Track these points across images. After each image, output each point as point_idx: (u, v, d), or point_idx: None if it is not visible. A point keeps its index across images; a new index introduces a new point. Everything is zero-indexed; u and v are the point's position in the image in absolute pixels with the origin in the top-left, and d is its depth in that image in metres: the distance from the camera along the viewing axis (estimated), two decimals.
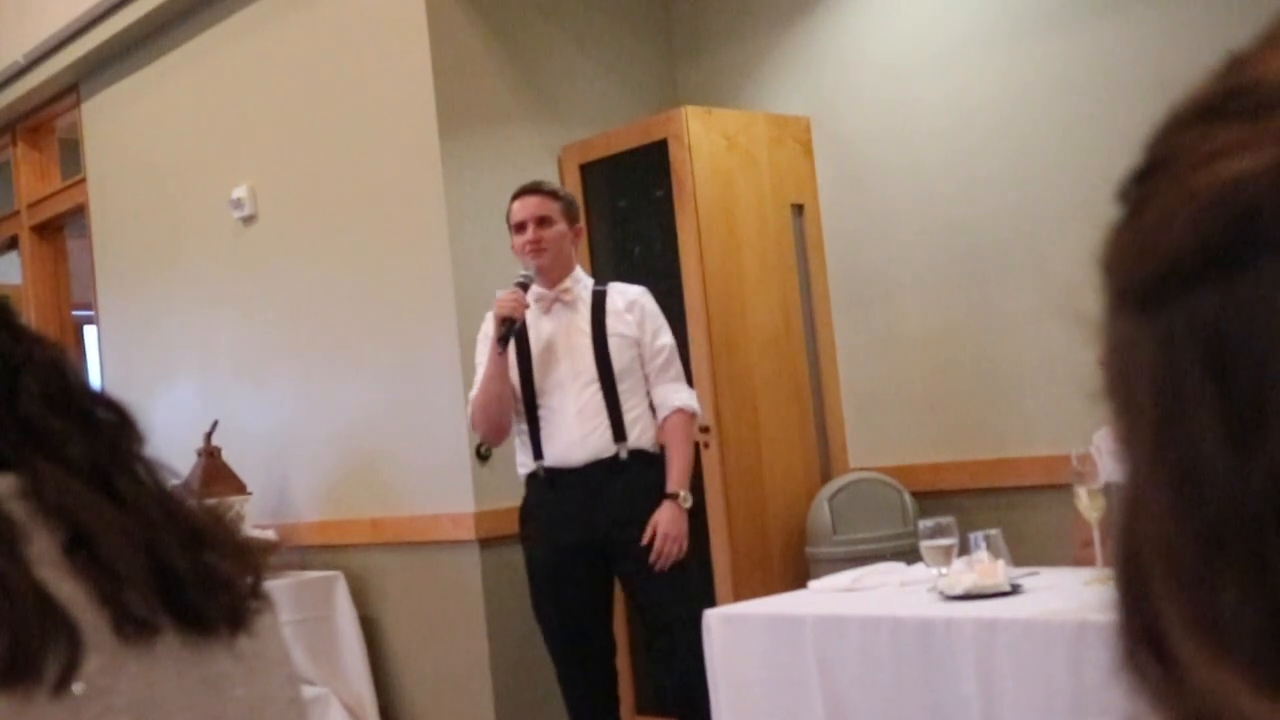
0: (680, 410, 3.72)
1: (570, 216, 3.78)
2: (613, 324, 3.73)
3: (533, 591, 3.76)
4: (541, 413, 3.69)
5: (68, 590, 0.80)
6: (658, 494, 3.64)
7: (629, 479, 3.66)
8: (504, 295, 3.62)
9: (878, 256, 4.56)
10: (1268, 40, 0.41)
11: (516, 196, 3.79)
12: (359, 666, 4.69)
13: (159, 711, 0.81)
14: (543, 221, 3.71)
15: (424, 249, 4.56)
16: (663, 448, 3.75)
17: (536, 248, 3.69)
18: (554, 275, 3.73)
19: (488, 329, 3.76)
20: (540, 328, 3.72)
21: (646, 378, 3.76)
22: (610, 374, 3.69)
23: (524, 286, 3.65)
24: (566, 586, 3.68)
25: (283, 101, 5.14)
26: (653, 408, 3.75)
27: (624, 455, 3.67)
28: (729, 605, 3.44)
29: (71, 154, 6.53)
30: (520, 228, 3.73)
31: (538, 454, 3.69)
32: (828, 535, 4.27)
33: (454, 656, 4.54)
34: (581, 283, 3.79)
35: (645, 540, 3.59)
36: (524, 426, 3.71)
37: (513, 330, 3.61)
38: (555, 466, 3.67)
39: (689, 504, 3.67)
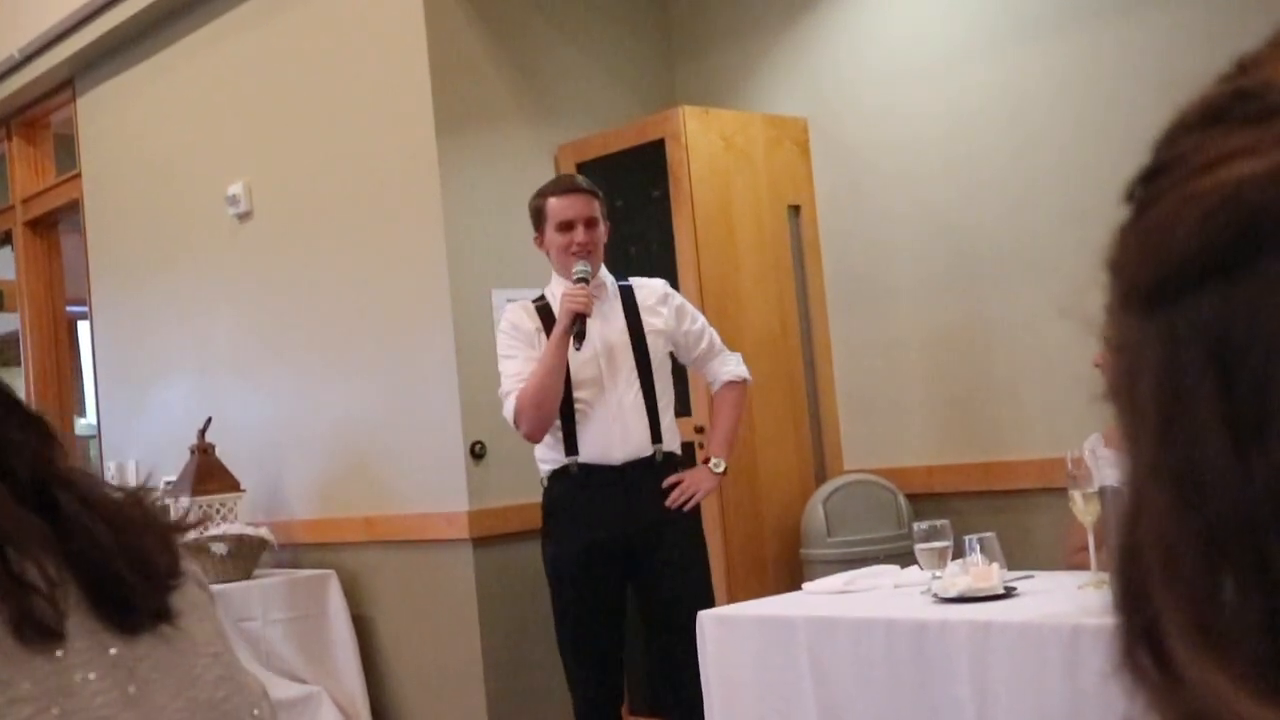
0: (731, 382, 3.83)
1: (604, 214, 3.79)
2: (648, 319, 3.76)
3: (556, 588, 3.73)
4: (579, 408, 3.68)
5: None
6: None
7: (658, 481, 3.69)
8: (573, 292, 3.58)
9: (874, 259, 4.56)
10: (1275, 45, 0.41)
11: (558, 193, 3.74)
12: (351, 665, 4.68)
13: (72, 699, 0.81)
14: (591, 223, 3.70)
15: (420, 247, 4.55)
16: (685, 448, 3.86)
17: (586, 250, 3.67)
18: (593, 273, 3.72)
19: (515, 319, 3.74)
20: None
21: (694, 361, 3.84)
22: (649, 372, 3.72)
23: (584, 282, 3.62)
24: (592, 584, 3.67)
25: (279, 98, 5.14)
26: (677, 409, 3.83)
27: (659, 458, 3.70)
28: (723, 607, 3.44)
29: (66, 149, 6.52)
30: (568, 227, 3.68)
31: (570, 450, 3.68)
32: (822, 537, 4.27)
33: (447, 655, 4.53)
34: (609, 279, 3.80)
35: (667, 484, 3.68)
36: (556, 421, 3.69)
37: (584, 327, 3.58)
38: (591, 463, 3.67)
39: (720, 470, 3.77)
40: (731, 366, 3.83)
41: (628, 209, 4.58)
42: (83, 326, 6.72)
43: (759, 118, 4.65)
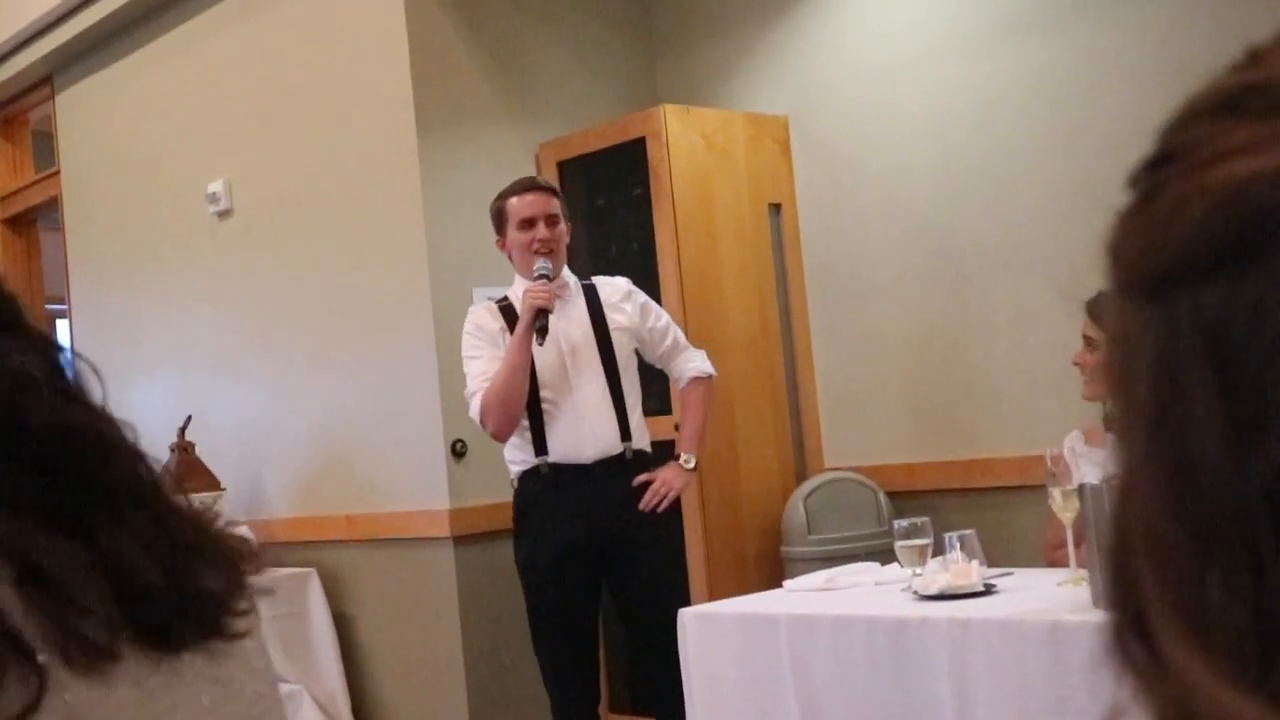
0: (697, 379, 3.84)
1: (565, 214, 3.81)
2: (612, 316, 3.78)
3: (532, 588, 3.72)
4: (545, 407, 3.68)
5: (21, 621, 0.79)
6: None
7: (630, 479, 3.70)
8: (535, 288, 3.60)
9: (855, 257, 4.57)
10: None
11: (518, 192, 3.76)
12: (332, 663, 4.67)
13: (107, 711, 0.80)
14: (552, 220, 3.73)
15: (401, 245, 4.54)
16: (656, 446, 3.85)
17: (547, 246, 3.69)
18: (555, 273, 3.73)
19: (479, 320, 3.74)
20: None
21: (659, 358, 3.85)
22: (615, 370, 3.73)
23: (546, 279, 3.63)
24: (567, 583, 3.67)
25: (260, 96, 5.12)
26: (646, 407, 3.84)
27: (629, 455, 3.71)
28: (704, 604, 3.44)
29: (45, 146, 6.49)
30: (529, 224, 3.71)
31: (540, 450, 3.68)
32: (803, 534, 4.28)
33: (427, 654, 4.52)
34: (572, 278, 3.82)
35: (638, 483, 3.68)
36: (525, 422, 3.69)
37: (547, 322, 3.59)
38: (562, 462, 3.67)
39: (691, 465, 3.78)
40: (697, 363, 3.85)
41: (609, 207, 4.58)
42: (62, 325, 6.68)
43: (740, 116, 4.65)
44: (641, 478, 3.69)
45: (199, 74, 5.38)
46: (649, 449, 3.80)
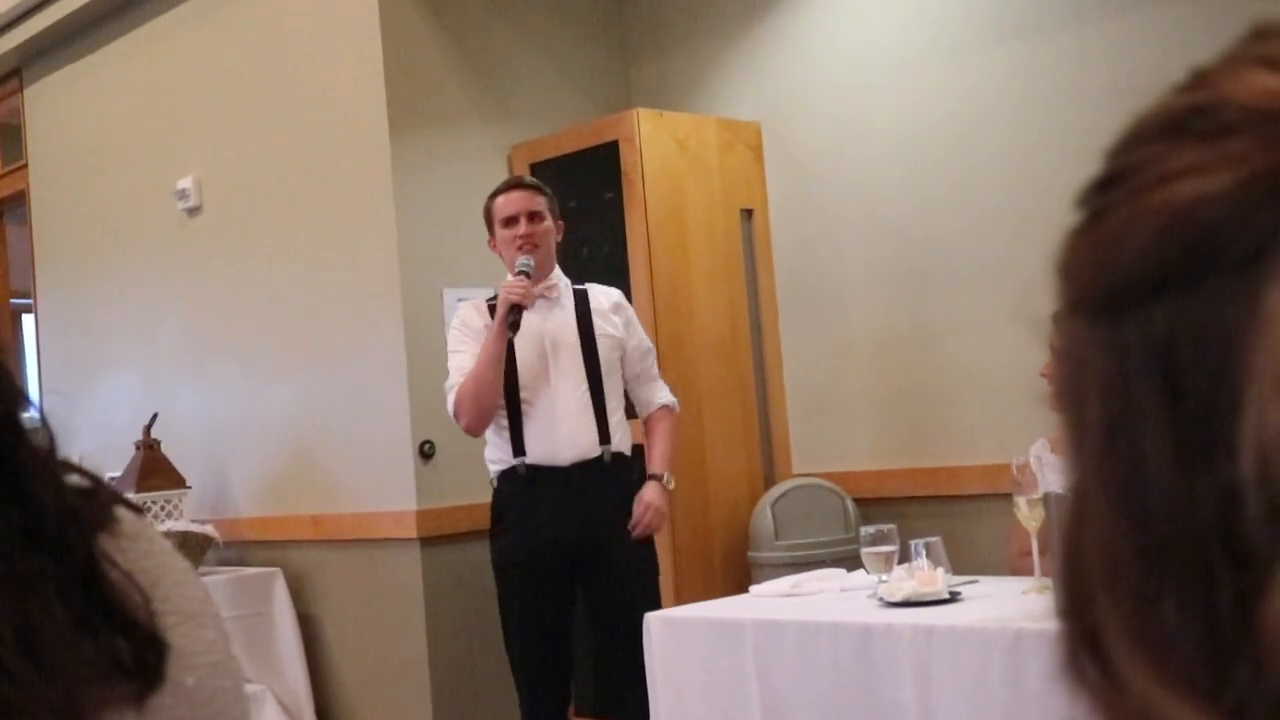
0: (666, 406, 3.86)
1: (554, 213, 3.79)
2: (599, 324, 3.77)
3: (504, 588, 3.71)
4: (525, 408, 3.67)
5: None
6: (634, 497, 3.72)
7: (608, 481, 3.70)
8: (513, 283, 3.58)
9: (825, 263, 4.58)
10: (1231, 60, 0.41)
11: (501, 192, 3.77)
12: (296, 664, 4.65)
13: None
14: (534, 216, 3.71)
15: (371, 246, 4.53)
16: (635, 450, 3.85)
17: (530, 242, 3.68)
18: (542, 272, 3.72)
19: (466, 316, 3.73)
20: (527, 323, 3.66)
21: (631, 378, 3.83)
22: (598, 374, 3.73)
23: (526, 275, 3.62)
24: (542, 584, 3.66)
25: (231, 93, 5.09)
26: (627, 410, 3.83)
27: (607, 458, 3.70)
28: (670, 608, 3.45)
29: (13, 139, 6.43)
30: (511, 222, 3.70)
31: (518, 450, 3.67)
32: (770, 540, 4.28)
33: (393, 655, 4.51)
34: (563, 280, 3.80)
35: (634, 520, 3.68)
36: (504, 422, 3.68)
37: (520, 317, 3.58)
38: (539, 464, 3.66)
39: (671, 485, 3.78)
40: (667, 393, 3.88)
41: (581, 210, 4.57)
42: (27, 320, 6.63)
43: (713, 121, 4.66)
44: (634, 522, 3.68)
45: (171, 69, 5.35)
46: (629, 451, 3.79)
